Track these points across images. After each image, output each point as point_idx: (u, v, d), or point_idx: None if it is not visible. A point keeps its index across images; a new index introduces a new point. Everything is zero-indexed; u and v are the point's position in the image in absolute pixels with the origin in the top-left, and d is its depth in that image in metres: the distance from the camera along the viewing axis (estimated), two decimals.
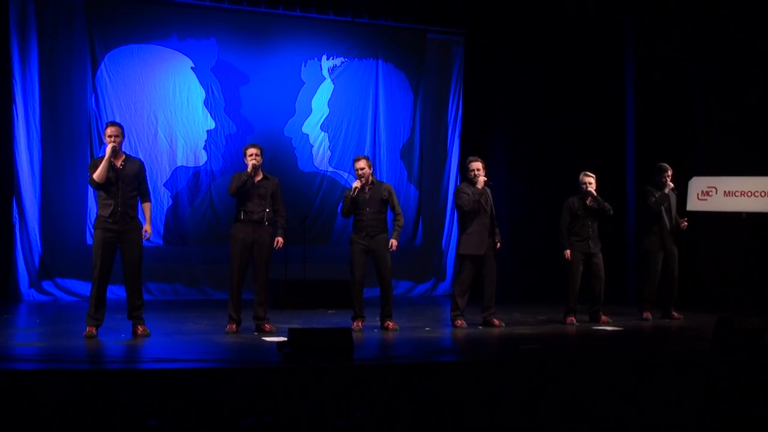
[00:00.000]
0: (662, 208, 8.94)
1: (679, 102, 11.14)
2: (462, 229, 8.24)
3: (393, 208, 8.00)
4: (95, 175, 6.90)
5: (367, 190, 7.89)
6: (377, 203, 7.89)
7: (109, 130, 7.05)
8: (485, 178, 8.10)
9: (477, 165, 8.13)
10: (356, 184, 7.84)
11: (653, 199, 8.93)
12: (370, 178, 7.95)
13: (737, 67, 10.82)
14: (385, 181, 11.96)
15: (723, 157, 10.68)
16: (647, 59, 11.30)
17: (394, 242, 7.90)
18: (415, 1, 12.24)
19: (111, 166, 6.97)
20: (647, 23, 11.32)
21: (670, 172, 8.97)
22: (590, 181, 8.62)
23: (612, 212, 8.71)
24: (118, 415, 4.76)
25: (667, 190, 8.94)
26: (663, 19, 11.18)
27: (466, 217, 8.13)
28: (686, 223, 9.10)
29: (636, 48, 11.40)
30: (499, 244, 8.22)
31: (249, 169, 7.53)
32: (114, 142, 6.98)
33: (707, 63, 11.04)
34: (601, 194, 8.64)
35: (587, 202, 8.62)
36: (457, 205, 8.25)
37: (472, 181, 8.11)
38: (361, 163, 7.90)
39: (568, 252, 8.58)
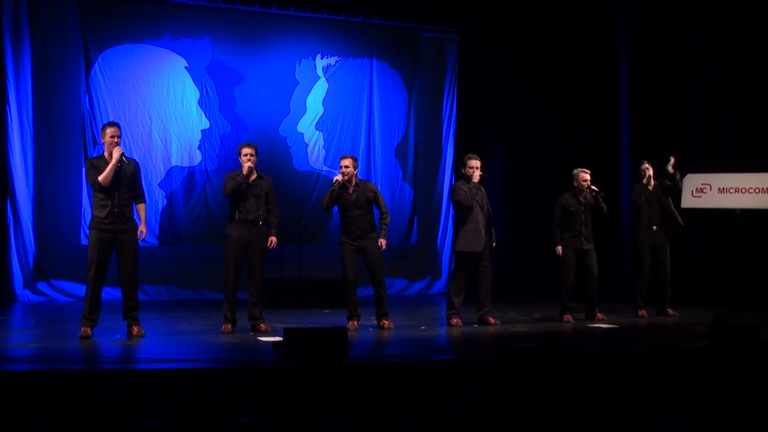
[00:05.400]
0: (643, 202, 8.92)
1: (674, 99, 11.15)
2: (458, 226, 8.25)
3: (379, 207, 7.99)
4: (101, 179, 6.86)
5: (351, 191, 7.86)
6: (364, 204, 7.88)
7: (112, 131, 7.01)
8: (481, 173, 8.11)
9: (475, 163, 8.15)
10: (338, 177, 7.82)
11: (633, 195, 9.02)
12: (354, 179, 7.91)
13: (731, 64, 10.83)
14: (380, 179, 12.02)
15: (717, 154, 10.70)
16: (641, 57, 11.31)
17: (383, 241, 7.89)
18: (409, 0, 12.23)
19: None
20: (641, 21, 11.33)
21: (645, 165, 8.98)
22: (588, 177, 8.66)
23: (606, 212, 8.76)
24: (113, 416, 4.75)
25: (644, 181, 8.93)
26: (657, 16, 11.19)
27: (462, 214, 8.14)
28: (672, 158, 8.97)
29: (630, 46, 11.40)
30: (494, 243, 8.23)
31: (245, 171, 7.50)
32: (117, 143, 6.97)
33: (701, 60, 11.05)
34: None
35: (581, 198, 8.63)
36: (454, 201, 8.25)
37: (468, 178, 8.12)
38: (347, 161, 7.88)
39: (559, 248, 8.60)
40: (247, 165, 7.51)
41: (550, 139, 12.14)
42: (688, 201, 9.96)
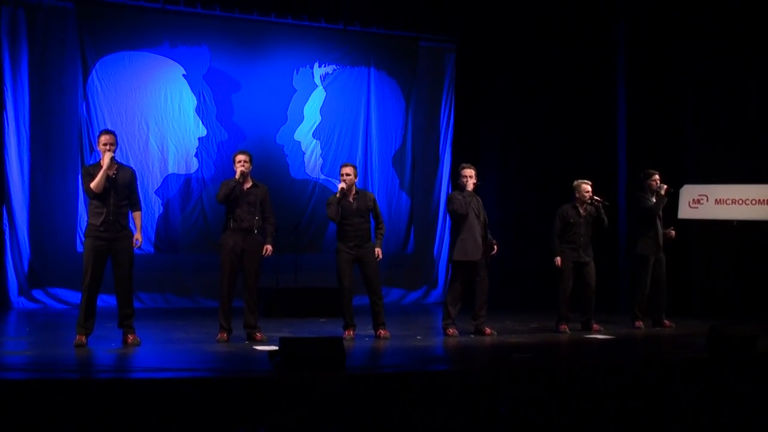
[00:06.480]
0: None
1: (671, 109, 11.16)
2: (455, 235, 8.25)
3: (376, 217, 8.00)
4: (93, 186, 6.85)
5: (352, 199, 7.86)
6: (364, 212, 7.89)
7: (105, 138, 7.00)
8: (475, 181, 8.12)
9: (469, 172, 8.16)
10: (341, 185, 7.81)
11: (650, 204, 8.92)
12: (354, 187, 7.91)
13: (729, 74, 10.84)
14: (377, 188, 12.02)
15: (714, 165, 10.70)
16: (639, 67, 11.32)
17: (378, 251, 7.88)
18: (408, 9, 12.25)
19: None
20: (639, 31, 11.35)
21: (657, 176, 8.98)
22: (590, 188, 8.66)
23: (606, 224, 8.77)
24: (107, 425, 4.72)
25: (663, 192, 8.91)
26: (655, 27, 11.21)
27: (458, 224, 8.14)
28: (674, 232, 9.08)
29: (627, 56, 11.41)
30: (495, 249, 8.20)
31: (237, 176, 7.50)
32: (110, 150, 6.95)
33: (699, 70, 11.06)
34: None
35: (582, 210, 8.63)
36: (450, 211, 8.25)
37: (463, 187, 8.13)
38: (348, 170, 7.86)
39: (558, 259, 8.59)
40: (239, 170, 7.49)
41: (548, 149, 12.14)
42: (684, 212, 9.95)
